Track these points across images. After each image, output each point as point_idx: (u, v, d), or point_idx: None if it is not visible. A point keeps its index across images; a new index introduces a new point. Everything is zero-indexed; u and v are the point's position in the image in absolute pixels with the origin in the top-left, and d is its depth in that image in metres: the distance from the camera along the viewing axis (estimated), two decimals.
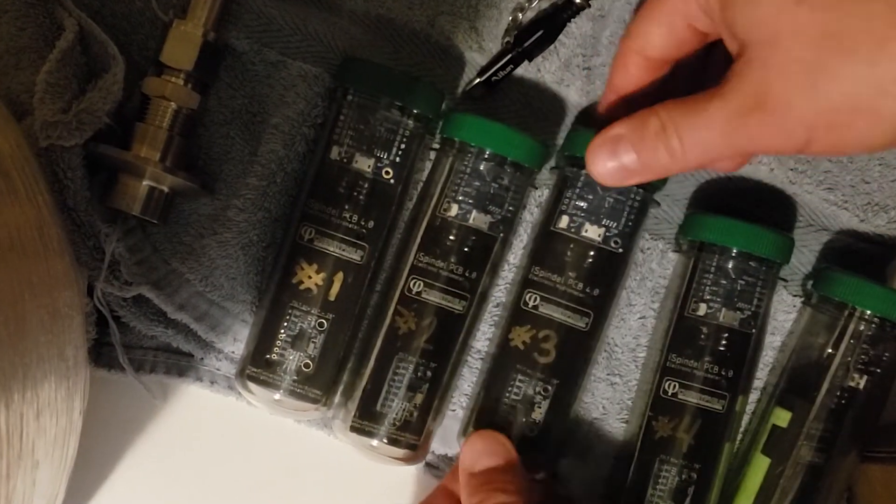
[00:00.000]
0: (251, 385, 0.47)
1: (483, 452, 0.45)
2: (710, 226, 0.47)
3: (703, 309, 0.46)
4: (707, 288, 0.47)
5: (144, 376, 0.51)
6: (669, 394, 0.46)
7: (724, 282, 0.46)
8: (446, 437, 0.50)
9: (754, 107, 0.38)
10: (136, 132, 0.47)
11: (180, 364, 0.51)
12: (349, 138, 0.46)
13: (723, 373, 0.46)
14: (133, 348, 0.51)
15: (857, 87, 0.37)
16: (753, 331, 0.47)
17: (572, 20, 0.49)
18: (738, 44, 0.40)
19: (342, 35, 0.49)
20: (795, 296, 0.50)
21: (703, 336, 0.46)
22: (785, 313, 0.50)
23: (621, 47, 0.46)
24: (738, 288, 0.46)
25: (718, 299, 0.46)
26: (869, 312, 0.46)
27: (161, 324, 0.50)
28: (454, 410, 0.50)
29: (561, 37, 0.49)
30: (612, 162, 0.43)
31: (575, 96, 0.50)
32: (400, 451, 0.47)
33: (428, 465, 0.52)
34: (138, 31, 0.49)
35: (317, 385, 0.47)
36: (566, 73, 0.50)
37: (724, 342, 0.46)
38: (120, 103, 0.47)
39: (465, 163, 0.47)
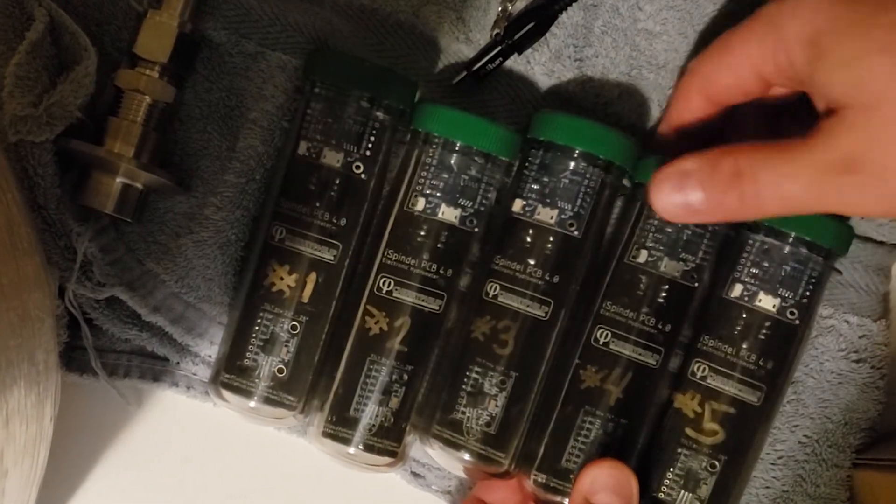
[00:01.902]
0: (225, 392, 0.47)
1: (609, 488, 0.45)
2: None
3: (643, 256, 0.47)
4: (650, 235, 0.47)
5: (118, 381, 0.51)
6: (601, 343, 0.46)
7: (668, 229, 0.46)
8: None
9: (849, 168, 0.38)
10: (109, 127, 0.48)
11: (155, 368, 0.52)
12: (317, 133, 0.47)
13: (660, 326, 0.46)
14: (106, 352, 0.51)
15: None
16: (697, 284, 0.47)
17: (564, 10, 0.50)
18: (829, 102, 0.39)
19: (323, 25, 0.49)
20: None
21: (641, 285, 0.46)
22: None
23: (683, 84, 0.47)
24: (684, 237, 0.46)
25: (661, 248, 0.46)
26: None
27: (135, 327, 0.50)
28: None
29: (551, 27, 0.50)
30: (678, 196, 0.43)
31: (566, 88, 0.51)
32: (377, 458, 0.47)
33: (413, 474, 0.53)
34: (111, 21, 0.49)
35: (292, 391, 0.47)
36: (557, 64, 0.50)
37: (663, 294, 0.46)
38: (92, 97, 0.47)
39: (431, 155, 0.47)
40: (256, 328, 0.47)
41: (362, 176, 0.47)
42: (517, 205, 0.47)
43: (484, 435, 0.47)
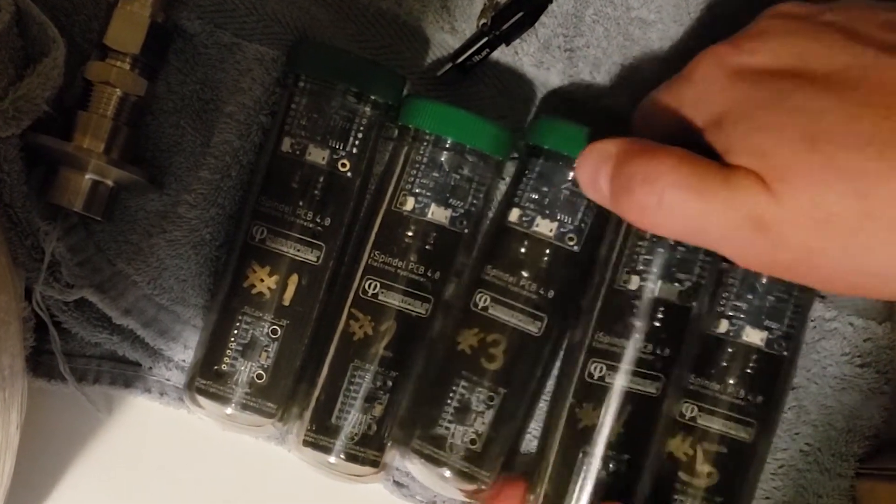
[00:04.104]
0: (200, 399, 0.48)
1: None
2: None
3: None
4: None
5: (87, 387, 0.51)
6: (595, 377, 0.46)
7: (660, 250, 0.46)
8: None
9: (757, 227, 0.39)
10: (79, 121, 0.48)
11: (127, 374, 0.52)
12: (302, 129, 0.47)
13: (657, 352, 0.46)
14: (75, 357, 0.51)
15: None
16: (694, 304, 0.46)
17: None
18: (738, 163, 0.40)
19: (302, 15, 0.50)
20: None
21: (634, 311, 0.46)
22: None
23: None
24: (678, 256, 0.46)
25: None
26: None
27: (105, 330, 0.50)
28: None
29: (540, 16, 0.51)
30: (591, 178, 0.43)
31: (556, 80, 0.51)
32: (359, 468, 0.48)
33: (397, 483, 0.53)
34: (80, 11, 0.50)
35: (271, 398, 0.47)
36: (546, 55, 0.51)
37: (659, 318, 0.46)
38: (60, 90, 0.47)
39: (422, 152, 0.47)
40: (235, 332, 0.47)
41: (348, 174, 0.48)
42: (514, 214, 0.47)
43: (468, 452, 0.47)
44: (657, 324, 0.46)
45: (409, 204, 0.47)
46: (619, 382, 0.46)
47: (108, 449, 0.53)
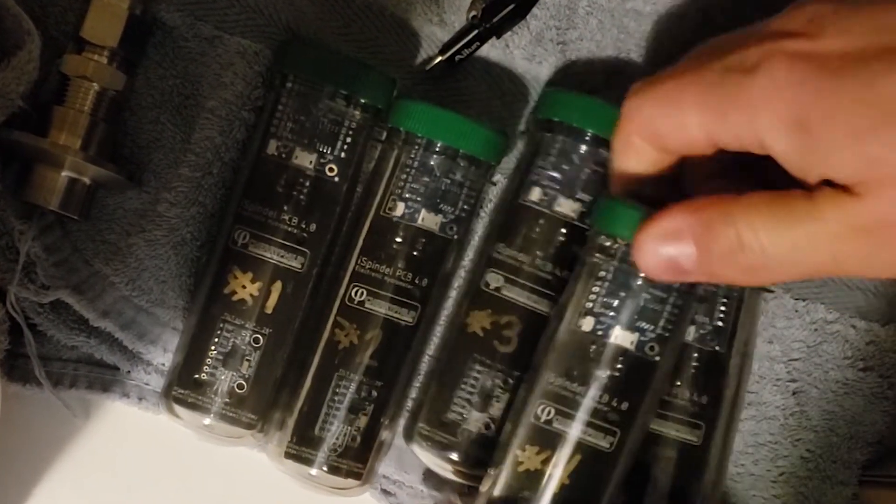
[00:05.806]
0: (178, 408, 0.47)
1: None
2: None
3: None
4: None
5: (64, 391, 0.51)
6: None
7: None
8: (403, 459, 0.51)
9: (873, 232, 0.37)
10: (54, 117, 0.48)
11: (104, 378, 0.52)
12: (288, 131, 0.47)
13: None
14: (51, 360, 0.51)
15: None
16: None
17: None
18: (832, 179, 0.37)
19: (286, 7, 0.49)
20: None
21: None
22: None
23: (621, 130, 0.43)
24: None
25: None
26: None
27: (82, 332, 0.50)
28: None
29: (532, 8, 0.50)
30: (665, 250, 0.40)
31: (548, 74, 0.51)
32: (341, 481, 0.48)
33: (384, 491, 0.52)
34: (56, 2, 0.49)
35: (251, 408, 0.47)
36: (538, 48, 0.50)
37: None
38: (35, 84, 0.47)
39: (412, 156, 0.47)
40: (215, 340, 0.47)
41: (336, 179, 0.47)
42: (535, 194, 0.47)
43: (480, 437, 0.47)
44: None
45: (399, 209, 0.47)
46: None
47: (85, 455, 0.53)
